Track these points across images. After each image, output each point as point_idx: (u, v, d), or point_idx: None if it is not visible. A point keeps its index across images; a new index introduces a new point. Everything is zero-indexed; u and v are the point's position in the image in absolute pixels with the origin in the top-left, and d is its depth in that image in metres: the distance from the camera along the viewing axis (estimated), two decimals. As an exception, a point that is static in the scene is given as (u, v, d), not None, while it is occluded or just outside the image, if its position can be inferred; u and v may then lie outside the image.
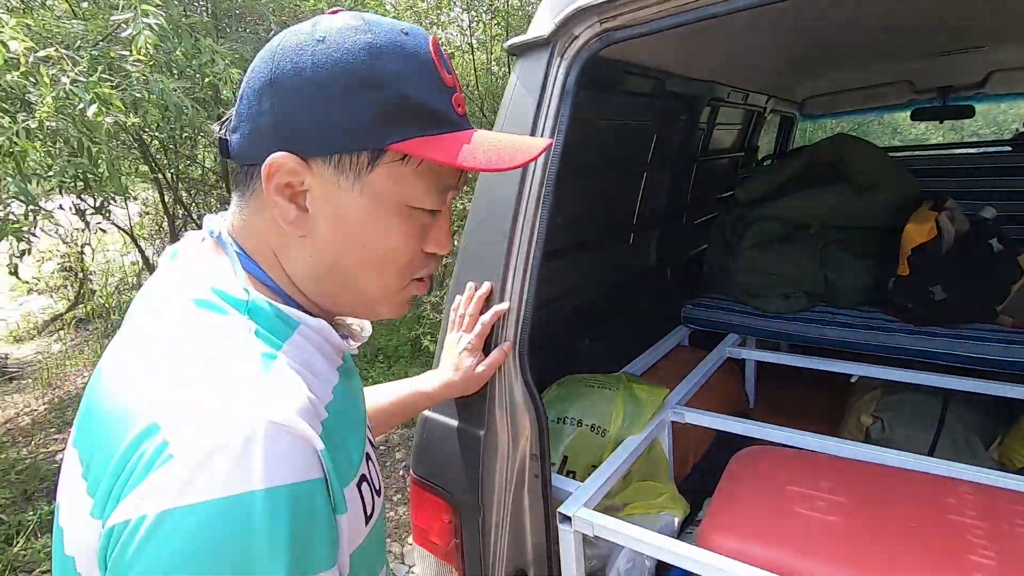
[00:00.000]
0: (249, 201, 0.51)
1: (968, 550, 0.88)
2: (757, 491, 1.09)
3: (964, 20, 1.73)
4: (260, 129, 0.48)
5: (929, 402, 1.55)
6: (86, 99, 1.63)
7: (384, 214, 0.50)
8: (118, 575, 0.35)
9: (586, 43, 0.98)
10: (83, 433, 0.44)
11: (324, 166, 0.48)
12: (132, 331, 0.47)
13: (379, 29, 0.48)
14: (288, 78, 0.46)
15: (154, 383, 0.40)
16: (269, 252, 0.51)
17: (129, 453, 0.37)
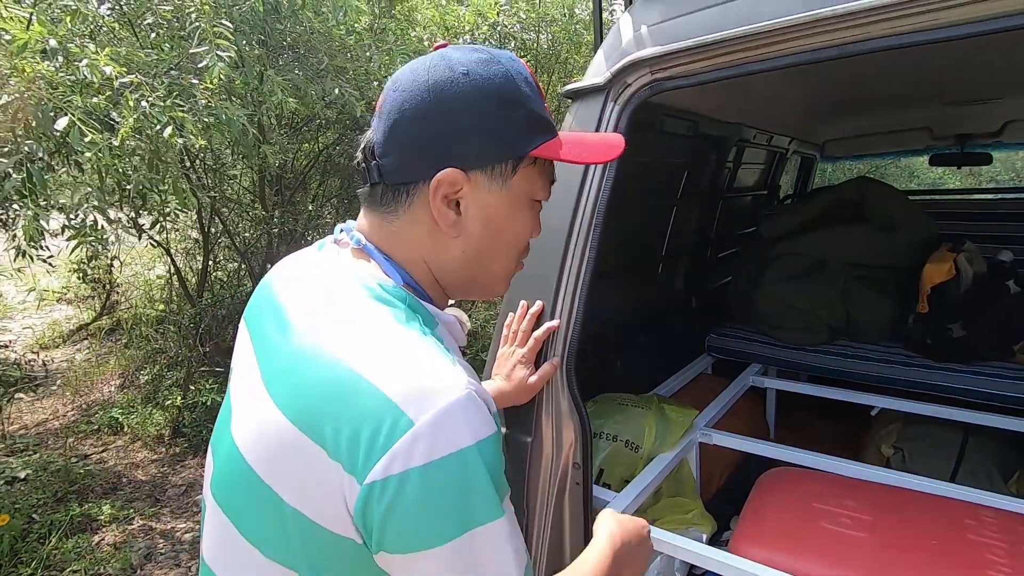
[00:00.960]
0: (400, 214, 0.60)
1: (988, 566, 0.94)
2: (784, 507, 1.16)
3: (982, 73, 1.84)
4: (419, 152, 0.58)
5: (949, 435, 1.61)
6: (162, 121, 1.78)
7: (519, 208, 0.62)
8: (396, 513, 0.47)
9: (637, 91, 1.09)
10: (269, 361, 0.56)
11: (480, 176, 0.59)
12: (313, 301, 0.58)
13: (502, 58, 0.60)
14: (446, 108, 0.57)
15: (377, 365, 0.50)
16: (419, 258, 0.61)
17: (377, 426, 0.47)
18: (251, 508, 0.54)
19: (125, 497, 3.10)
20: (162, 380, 4.06)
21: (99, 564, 2.52)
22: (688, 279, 2.15)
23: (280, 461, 0.51)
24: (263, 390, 0.54)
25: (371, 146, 0.61)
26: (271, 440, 0.52)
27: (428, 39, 4.58)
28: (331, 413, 0.49)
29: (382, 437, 0.46)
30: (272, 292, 0.64)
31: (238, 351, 0.65)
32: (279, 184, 4.72)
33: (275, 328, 0.59)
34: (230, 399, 0.62)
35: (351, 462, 0.47)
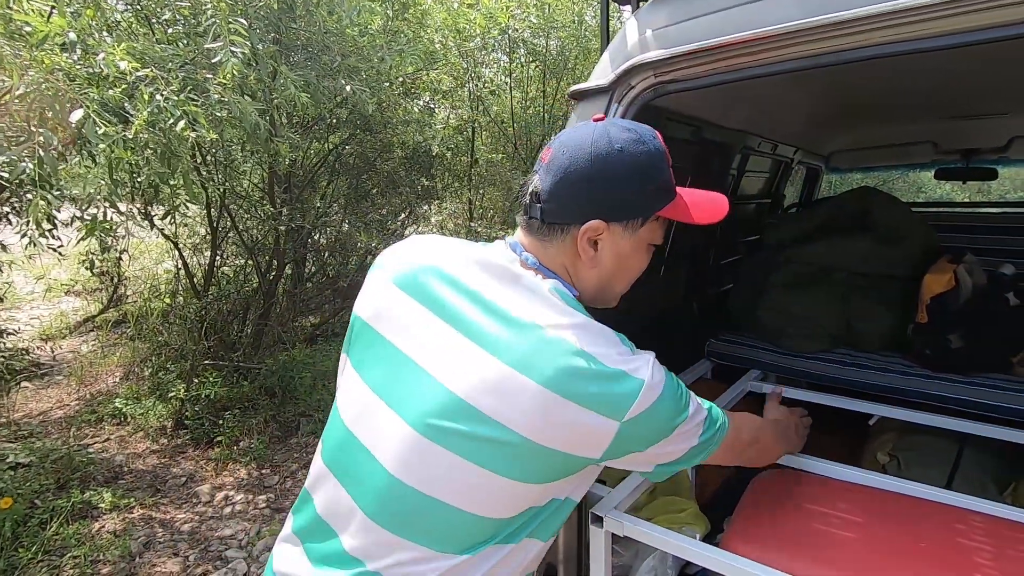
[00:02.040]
0: (555, 244, 0.82)
1: (975, 570, 0.95)
2: (777, 508, 1.17)
3: (987, 87, 1.85)
4: (578, 204, 0.79)
5: (945, 444, 1.61)
6: (176, 115, 1.82)
7: (640, 251, 0.85)
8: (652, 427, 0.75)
9: (640, 93, 1.11)
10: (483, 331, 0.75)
11: (616, 226, 0.80)
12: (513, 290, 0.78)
13: (646, 138, 0.80)
14: (603, 176, 0.77)
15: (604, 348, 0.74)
16: (563, 271, 0.83)
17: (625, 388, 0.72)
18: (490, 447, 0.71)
19: (126, 486, 3.13)
20: (166, 372, 4.09)
21: (98, 551, 2.55)
22: (690, 284, 2.16)
23: (543, 420, 0.70)
24: (497, 362, 0.72)
25: (536, 191, 0.81)
26: (535, 408, 0.70)
27: (440, 42, 4.63)
28: (581, 382, 0.70)
29: (627, 393, 0.71)
30: (453, 274, 0.80)
31: (402, 315, 0.81)
32: (288, 182, 4.76)
33: (486, 312, 0.76)
34: (411, 358, 0.78)
35: (610, 411, 0.71)
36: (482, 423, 0.71)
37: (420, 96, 4.61)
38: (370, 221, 4.82)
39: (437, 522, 0.73)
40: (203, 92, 2.09)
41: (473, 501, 0.72)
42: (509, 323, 0.74)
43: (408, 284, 0.82)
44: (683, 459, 0.82)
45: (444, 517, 0.72)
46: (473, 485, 0.72)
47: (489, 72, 4.98)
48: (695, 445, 0.81)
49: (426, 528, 0.73)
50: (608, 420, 0.71)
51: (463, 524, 0.73)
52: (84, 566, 2.44)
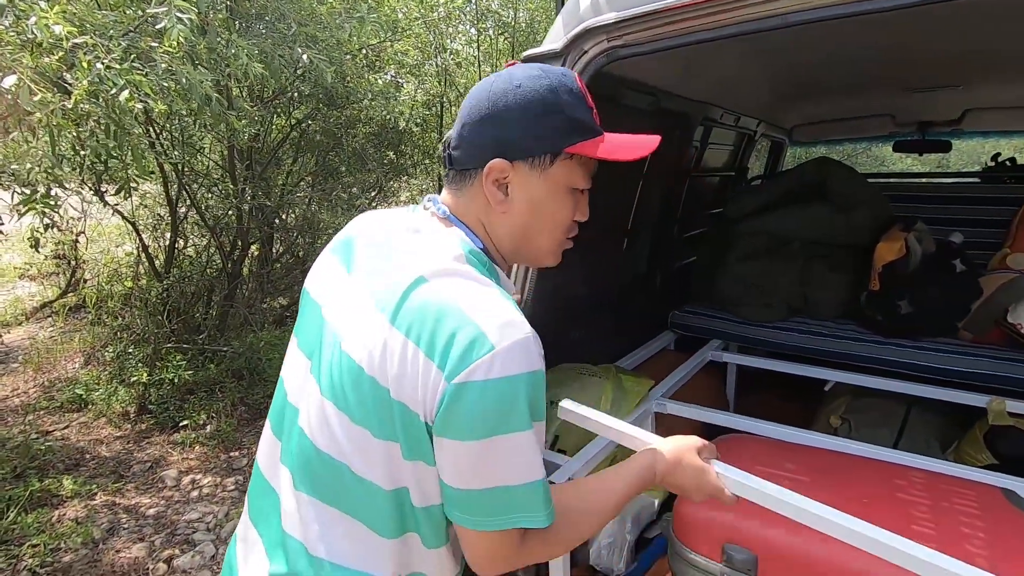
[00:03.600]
0: (465, 192, 0.77)
1: (912, 521, 1.00)
2: (730, 470, 1.20)
3: (940, 59, 1.88)
4: (480, 146, 0.74)
5: (893, 407, 1.67)
6: (119, 84, 1.73)
7: (557, 194, 0.77)
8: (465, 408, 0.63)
9: (594, 58, 1.10)
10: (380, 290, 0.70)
11: (522, 165, 0.74)
12: (417, 248, 0.73)
13: (552, 74, 0.75)
14: (500, 112, 0.73)
15: (470, 301, 0.66)
16: (480, 224, 0.78)
17: (468, 343, 0.63)
18: (360, 400, 0.68)
19: (88, 473, 3.06)
20: (128, 357, 3.98)
21: (60, 539, 2.49)
22: (653, 256, 2.18)
23: (389, 362, 0.66)
24: (378, 314, 0.68)
25: (448, 141, 0.78)
26: (385, 347, 0.66)
27: (404, 12, 4.50)
28: (435, 328, 0.64)
29: (472, 352, 0.62)
30: (374, 238, 0.79)
31: (329, 280, 0.80)
32: (250, 159, 4.62)
33: (384, 268, 0.73)
34: (327, 321, 0.76)
35: (443, 363, 0.63)
36: (357, 376, 0.68)
37: (385, 69, 4.49)
38: (337, 199, 4.72)
39: (351, 490, 0.70)
40: (149, 61, 2.00)
41: (360, 461, 0.69)
42: (393, 275, 0.71)
43: (338, 248, 0.82)
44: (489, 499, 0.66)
45: (355, 485, 0.70)
46: (365, 449, 0.69)
47: (456, 45, 4.87)
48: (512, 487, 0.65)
49: (346, 497, 0.71)
50: (439, 372, 0.63)
51: (367, 493, 0.69)
52: (44, 555, 2.38)
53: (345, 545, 0.71)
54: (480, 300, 0.66)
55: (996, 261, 1.89)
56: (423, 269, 0.69)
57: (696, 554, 1.09)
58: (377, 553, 0.71)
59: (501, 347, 0.63)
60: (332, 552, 0.71)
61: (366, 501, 0.70)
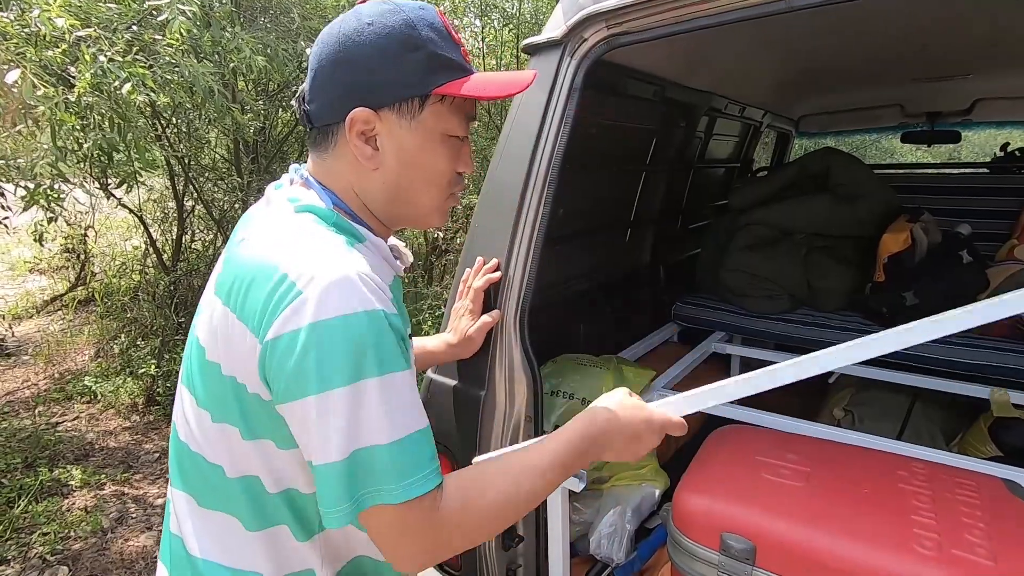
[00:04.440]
0: (330, 151, 0.69)
1: (912, 512, 0.99)
2: (730, 460, 1.20)
3: (950, 48, 1.85)
4: (336, 95, 0.65)
5: (897, 399, 1.66)
6: (121, 77, 1.74)
7: (432, 144, 0.68)
8: (285, 365, 0.56)
9: (594, 46, 1.09)
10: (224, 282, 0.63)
11: (389, 113, 0.66)
12: (254, 222, 0.68)
13: (407, 7, 0.66)
14: (353, 54, 0.64)
15: (282, 251, 0.60)
16: (347, 186, 0.70)
17: (272, 293, 0.57)
18: (202, 381, 0.65)
19: (97, 463, 3.10)
20: (136, 349, 4.02)
21: (69, 527, 2.53)
22: (657, 247, 2.17)
23: (216, 336, 0.62)
24: (210, 288, 0.66)
25: (303, 94, 0.69)
26: (212, 321, 0.63)
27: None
28: (244, 289, 0.59)
29: (275, 302, 0.56)
30: (244, 216, 0.74)
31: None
32: (255, 152, 4.64)
33: (229, 246, 0.69)
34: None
35: (254, 325, 0.58)
36: (199, 358, 0.65)
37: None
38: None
39: (210, 480, 0.66)
40: (152, 54, 2.00)
41: (209, 449, 0.65)
42: (236, 252, 0.65)
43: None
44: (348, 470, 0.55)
45: (209, 473, 0.66)
46: (210, 436, 0.65)
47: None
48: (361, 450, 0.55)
49: (209, 490, 0.67)
50: (252, 336, 0.57)
51: (223, 482, 0.65)
52: (54, 542, 2.42)
53: (215, 541, 0.67)
54: (293, 249, 0.59)
55: (1004, 252, 1.87)
56: (247, 235, 0.65)
57: (695, 543, 1.09)
58: (247, 548, 0.66)
59: (309, 291, 0.55)
60: (204, 549, 0.67)
61: (225, 492, 0.66)
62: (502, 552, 1.21)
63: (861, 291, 1.85)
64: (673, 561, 1.16)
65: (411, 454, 0.57)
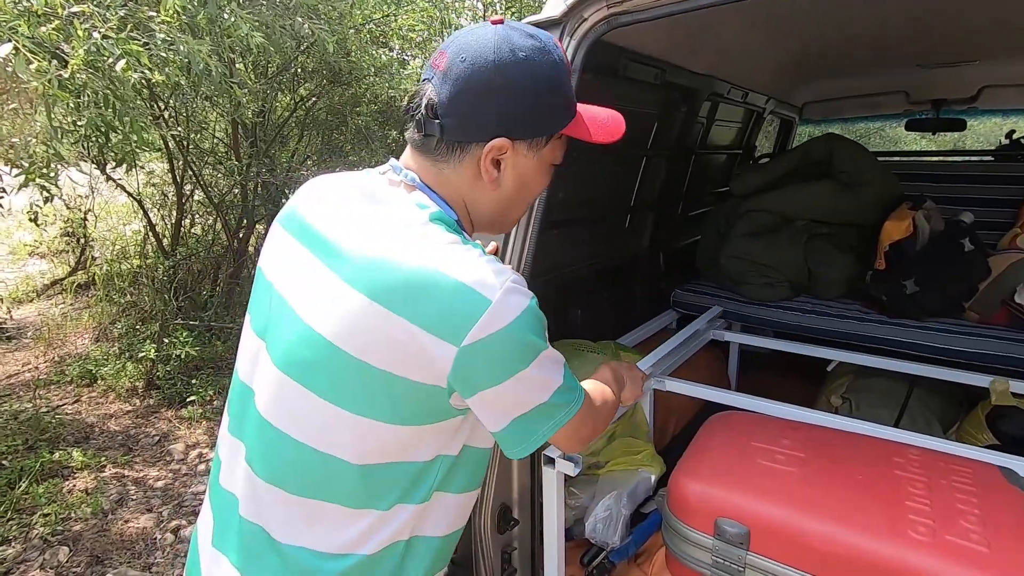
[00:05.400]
0: (451, 164, 0.73)
1: (906, 498, 0.99)
2: (725, 446, 1.19)
3: (956, 34, 1.82)
4: (482, 120, 0.70)
5: (895, 386, 1.66)
6: (115, 54, 1.71)
7: (543, 172, 0.78)
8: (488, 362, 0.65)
9: (593, 25, 1.07)
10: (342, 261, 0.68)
11: (522, 145, 0.73)
12: (375, 220, 0.70)
13: (550, 45, 0.72)
14: (507, 87, 0.69)
15: (449, 261, 0.65)
16: (459, 197, 0.75)
17: (459, 303, 0.63)
18: (332, 375, 0.67)
19: (97, 446, 3.11)
20: (136, 333, 4.02)
21: (70, 508, 2.54)
22: (657, 234, 2.15)
23: (366, 335, 0.65)
24: (342, 284, 0.67)
25: (432, 104, 0.70)
26: (357, 320, 0.65)
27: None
28: (419, 297, 0.63)
29: (467, 311, 0.63)
30: (325, 205, 0.75)
31: (280, 253, 0.77)
32: (254, 135, 4.60)
33: (344, 237, 0.70)
34: (281, 295, 0.73)
35: (443, 332, 0.63)
36: (326, 350, 0.66)
37: (390, 45, 4.43)
38: (341, 177, 4.71)
39: (314, 470, 0.69)
40: (147, 31, 1.98)
41: (335, 443, 0.68)
42: (364, 247, 0.68)
43: (288, 220, 0.78)
44: (533, 417, 0.70)
45: (318, 464, 0.69)
46: (331, 426, 0.68)
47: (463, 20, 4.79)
48: (545, 403, 0.70)
49: (306, 479, 0.70)
50: (444, 343, 0.63)
51: (340, 473, 0.68)
52: (55, 523, 2.44)
53: (310, 527, 0.70)
54: (458, 259, 0.65)
55: (1006, 241, 1.85)
56: (395, 240, 0.67)
57: (690, 528, 1.09)
58: (347, 531, 0.70)
59: (496, 299, 0.63)
60: (295, 536, 0.70)
61: (338, 479, 0.69)
62: (497, 535, 1.21)
63: (862, 279, 1.84)
64: (668, 545, 1.16)
65: (570, 385, 0.73)
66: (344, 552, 0.70)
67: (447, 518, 0.78)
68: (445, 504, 0.77)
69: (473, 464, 0.79)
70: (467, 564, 1.23)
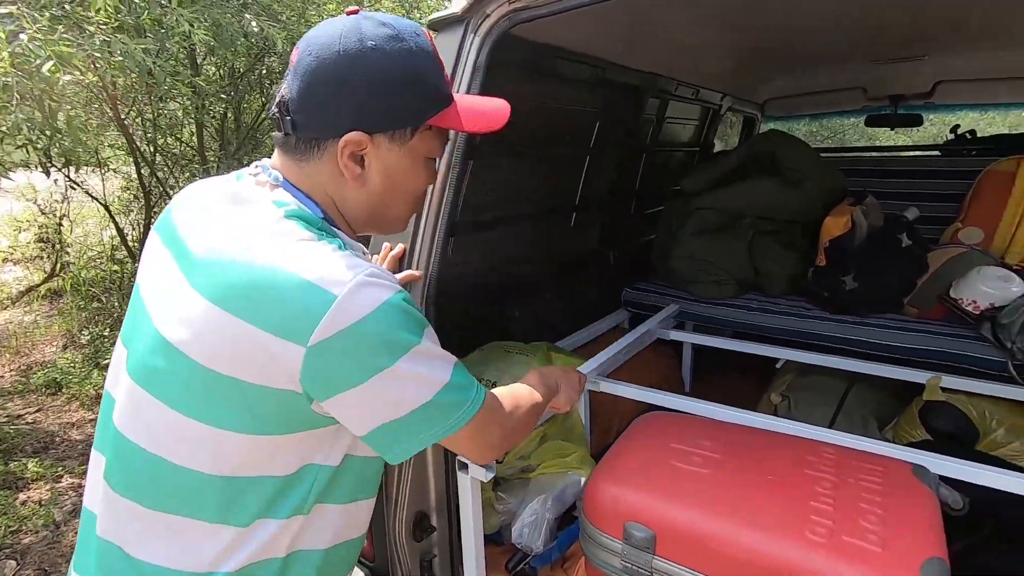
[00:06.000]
0: (311, 161, 0.71)
1: (812, 497, 0.97)
2: (645, 448, 1.18)
3: (905, 28, 1.82)
4: (333, 115, 0.67)
5: (833, 383, 1.65)
6: (43, 56, 1.68)
7: (416, 166, 0.74)
8: (338, 363, 0.61)
9: (497, 21, 1.05)
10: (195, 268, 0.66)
11: (382, 138, 0.70)
12: (230, 222, 0.67)
13: (407, 34, 0.68)
14: (355, 78, 0.66)
15: (296, 259, 0.62)
16: (325, 195, 0.73)
17: (303, 302, 0.60)
18: (182, 384, 0.64)
19: (56, 456, 3.06)
20: (103, 340, 3.97)
21: (21, 521, 2.50)
22: (607, 232, 2.13)
23: (212, 341, 0.62)
24: (190, 289, 0.64)
25: (284, 101, 0.69)
26: (202, 327, 0.62)
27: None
28: (260, 298, 0.61)
29: (312, 310, 0.60)
30: (191, 209, 0.73)
31: (149, 260, 0.74)
32: (222, 138, 4.56)
33: (199, 240, 0.68)
34: (143, 301, 0.71)
35: (288, 333, 0.60)
36: (174, 358, 0.63)
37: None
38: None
39: (168, 483, 0.66)
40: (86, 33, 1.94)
41: (189, 456, 0.65)
42: (212, 250, 0.65)
43: (160, 226, 0.76)
44: (414, 420, 0.66)
45: (173, 477, 0.66)
46: (185, 437, 0.65)
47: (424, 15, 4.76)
48: (427, 403, 0.65)
49: (161, 492, 0.67)
50: (291, 345, 0.60)
51: (196, 487, 0.65)
52: (3, 536, 2.39)
53: (168, 544, 0.67)
54: (304, 256, 0.62)
55: (948, 235, 1.86)
56: (243, 241, 0.64)
57: (602, 534, 1.07)
58: (206, 547, 0.67)
59: (343, 294, 0.60)
60: (154, 553, 0.67)
61: (193, 492, 0.66)
62: (414, 543, 1.19)
63: (806, 275, 1.83)
64: (584, 550, 1.14)
65: (462, 384, 0.69)
66: (204, 571, 0.67)
67: (332, 530, 0.75)
68: (328, 516, 0.74)
69: (358, 474, 0.76)
70: (384, 572, 1.21)
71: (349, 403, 0.64)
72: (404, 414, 0.65)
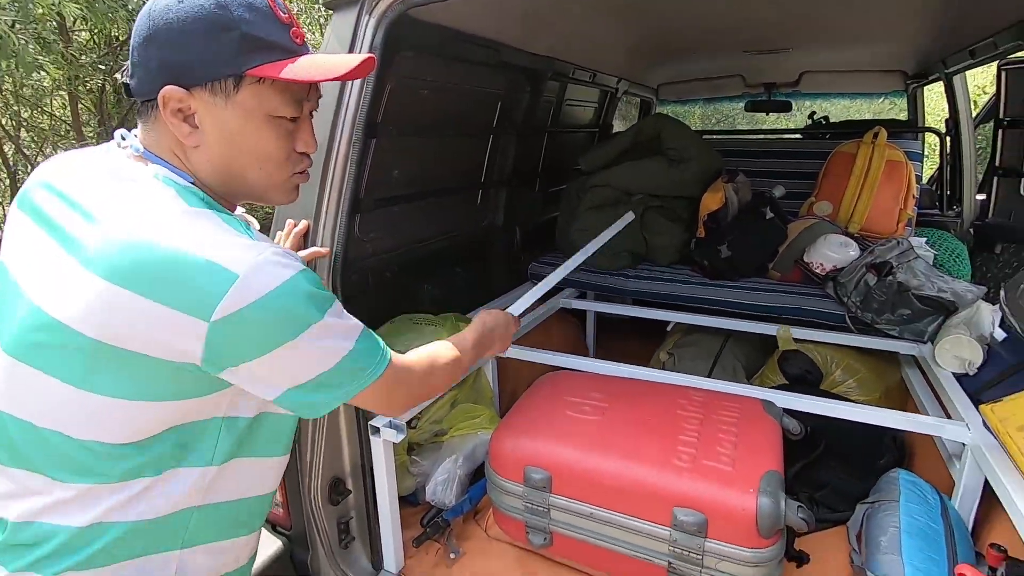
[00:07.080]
0: (154, 125, 0.70)
1: (680, 432, 1.14)
2: (543, 402, 1.30)
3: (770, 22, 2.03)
4: (150, 72, 0.67)
5: (711, 341, 1.87)
6: None
7: (255, 124, 0.71)
8: (243, 336, 0.64)
9: (392, 3, 1.09)
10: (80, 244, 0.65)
11: (202, 92, 0.68)
12: (115, 198, 0.67)
13: None
14: (162, 32, 0.66)
15: (192, 236, 0.63)
16: (174, 156, 0.72)
17: (204, 278, 0.62)
18: (71, 358, 0.65)
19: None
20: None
21: None
22: (513, 209, 2.24)
23: (110, 318, 0.63)
24: (80, 268, 0.64)
25: (126, 66, 0.71)
26: (99, 304, 0.62)
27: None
28: (165, 277, 0.62)
29: (213, 287, 0.61)
30: (60, 184, 0.71)
31: (17, 240, 0.72)
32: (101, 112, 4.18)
33: (78, 216, 0.67)
34: (16, 282, 0.70)
35: (191, 309, 0.62)
36: (62, 334, 0.64)
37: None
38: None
39: (62, 454, 0.68)
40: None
41: (70, 423, 0.67)
42: (96, 223, 0.66)
43: (23, 202, 0.74)
44: (321, 384, 0.70)
45: (46, 443, 0.67)
46: (64, 403, 0.66)
47: None
48: (331, 369, 0.69)
49: (33, 456, 0.68)
50: (193, 319, 0.62)
51: (70, 449, 0.67)
52: None
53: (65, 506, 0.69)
54: (207, 236, 0.64)
55: (804, 209, 2.13)
56: (133, 217, 0.65)
57: (505, 480, 1.19)
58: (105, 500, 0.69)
59: (244, 272, 0.62)
60: (21, 512, 0.69)
61: (87, 460, 0.68)
62: (330, 507, 1.24)
63: (688, 246, 2.03)
64: (491, 498, 1.25)
65: (366, 349, 0.73)
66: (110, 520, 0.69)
67: (245, 482, 0.79)
68: (241, 469, 0.77)
69: (271, 429, 0.80)
70: (302, 538, 1.25)
71: (251, 373, 0.67)
72: (306, 380, 0.69)
